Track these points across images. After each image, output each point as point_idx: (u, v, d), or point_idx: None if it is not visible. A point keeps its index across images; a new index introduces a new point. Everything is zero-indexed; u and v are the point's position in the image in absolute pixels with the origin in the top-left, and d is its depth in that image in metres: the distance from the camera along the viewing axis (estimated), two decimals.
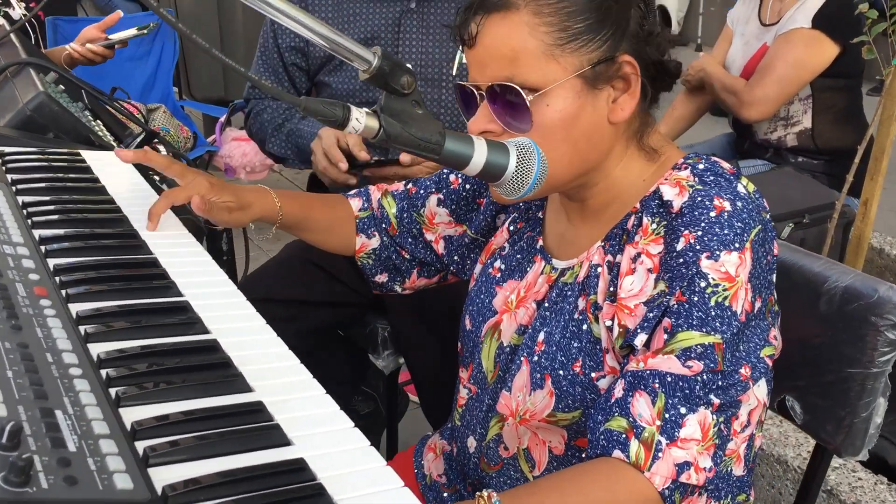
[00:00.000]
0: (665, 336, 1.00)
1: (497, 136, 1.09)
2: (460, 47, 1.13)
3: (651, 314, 1.03)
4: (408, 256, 1.46)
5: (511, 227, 1.32)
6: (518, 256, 1.27)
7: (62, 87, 1.72)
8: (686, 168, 1.09)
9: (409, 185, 1.47)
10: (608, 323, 1.09)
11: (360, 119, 0.97)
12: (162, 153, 1.51)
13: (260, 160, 4.20)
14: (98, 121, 1.76)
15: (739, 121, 2.83)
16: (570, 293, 1.16)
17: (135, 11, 4.77)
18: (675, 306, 1.01)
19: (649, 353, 1.01)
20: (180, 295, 1.07)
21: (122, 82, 4.12)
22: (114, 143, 1.67)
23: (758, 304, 1.05)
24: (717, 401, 0.99)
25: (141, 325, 0.97)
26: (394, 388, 2.28)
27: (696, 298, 1.00)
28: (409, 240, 1.45)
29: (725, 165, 1.09)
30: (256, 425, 0.81)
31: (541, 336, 1.16)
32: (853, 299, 1.19)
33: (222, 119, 4.34)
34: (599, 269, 1.13)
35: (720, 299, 1.00)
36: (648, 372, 0.99)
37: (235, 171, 4.27)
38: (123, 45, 2.68)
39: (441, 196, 1.42)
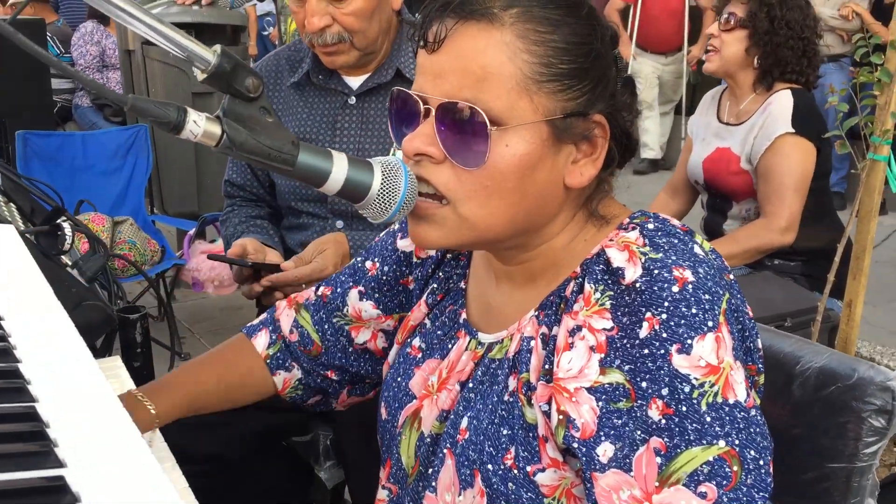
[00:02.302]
0: (659, 460, 0.84)
1: (435, 163, 0.94)
2: (394, 144, 0.98)
3: (618, 420, 0.86)
4: (335, 377, 1.29)
5: (430, 300, 1.16)
6: (439, 333, 1.11)
7: None
8: (634, 228, 0.95)
9: (321, 289, 1.29)
10: (544, 406, 0.92)
11: (199, 122, 0.83)
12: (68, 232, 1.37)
13: (228, 273, 4.06)
14: (11, 203, 1.64)
15: (711, 224, 2.75)
16: (498, 371, 1.00)
17: (115, 134, 4.75)
18: (663, 422, 0.84)
19: (646, 486, 0.84)
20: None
21: (93, 195, 4.07)
22: (22, 225, 1.54)
23: (759, 377, 0.92)
24: None
25: None
26: None
27: (684, 408, 0.84)
28: (339, 354, 1.27)
29: (676, 223, 0.96)
30: None
31: (464, 422, 0.99)
32: (830, 381, 1.05)
33: (191, 232, 4.24)
34: (532, 343, 0.97)
35: (711, 399, 0.84)
36: None
37: (203, 285, 4.13)
38: None
39: (361, 289, 1.25)
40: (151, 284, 3.04)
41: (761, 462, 0.84)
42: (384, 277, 1.24)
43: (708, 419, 0.84)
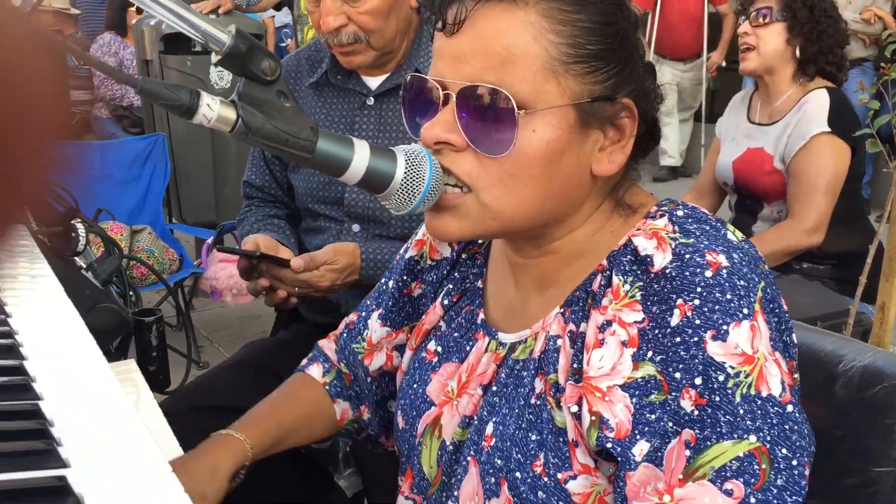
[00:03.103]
0: (688, 453, 0.79)
1: (456, 152, 0.89)
2: (412, 145, 0.93)
3: (651, 415, 0.81)
4: (367, 416, 1.27)
5: (445, 302, 1.11)
6: (456, 335, 1.06)
7: None
8: (662, 216, 0.90)
9: (350, 315, 1.27)
10: (573, 408, 0.87)
11: (213, 106, 0.78)
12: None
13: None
14: None
15: (739, 226, 2.69)
16: (523, 373, 0.95)
17: (133, 143, 4.74)
18: (695, 413, 0.80)
19: (670, 479, 0.79)
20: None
21: (111, 205, 4.05)
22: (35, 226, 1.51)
23: (796, 376, 0.86)
24: None
25: None
26: None
27: (717, 399, 0.79)
28: (363, 387, 1.25)
29: (706, 211, 0.91)
30: None
31: (489, 428, 0.94)
32: (875, 381, 0.99)
33: (209, 241, 4.23)
34: (559, 342, 0.92)
35: (745, 390, 0.79)
36: None
37: (221, 293, 4.10)
38: None
39: (381, 311, 1.22)
40: (171, 292, 3.02)
41: (794, 462, 0.80)
42: (390, 291, 1.21)
43: (741, 411, 0.79)
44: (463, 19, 0.87)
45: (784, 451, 0.79)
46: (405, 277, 1.19)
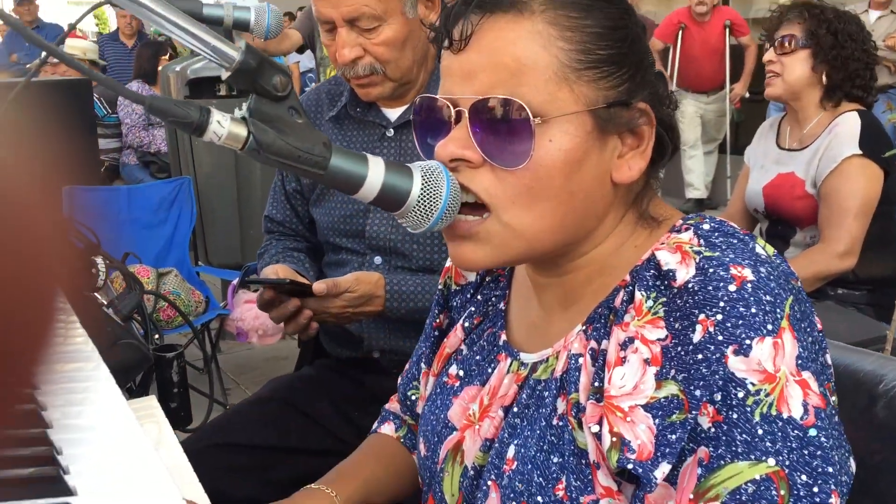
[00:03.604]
0: (699, 470, 0.76)
1: (473, 168, 0.87)
2: None
3: (672, 435, 0.78)
4: None
5: (466, 324, 1.09)
6: (478, 358, 1.04)
7: None
8: (687, 229, 0.87)
9: (406, 367, 1.26)
10: (594, 428, 0.83)
11: (224, 123, 0.76)
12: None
13: (272, 322, 4.03)
14: None
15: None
16: (545, 393, 0.91)
17: (159, 187, 4.79)
18: (711, 429, 0.76)
19: (681, 498, 0.76)
20: None
21: (138, 248, 4.08)
22: None
23: (833, 398, 0.81)
24: None
25: None
26: None
27: (735, 416, 0.76)
28: None
29: (735, 225, 0.88)
30: None
31: (510, 451, 0.91)
32: None
33: (234, 282, 4.23)
34: (581, 360, 0.89)
35: (765, 409, 0.76)
36: None
37: (247, 334, 4.09)
38: None
39: (424, 351, 1.20)
40: (196, 335, 3.02)
41: (816, 489, 0.75)
42: (428, 330, 1.19)
43: (760, 431, 0.76)
44: (469, 34, 0.86)
45: (804, 477, 0.75)
46: (436, 311, 1.18)
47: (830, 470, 0.76)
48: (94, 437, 0.69)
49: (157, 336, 1.63)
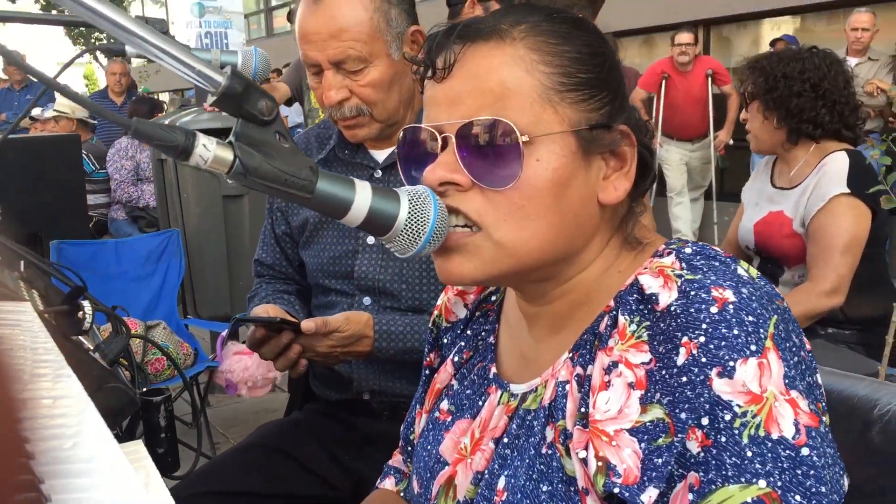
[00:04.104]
0: (691, 496, 0.75)
1: (462, 191, 0.88)
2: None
3: (658, 459, 0.77)
4: None
5: (456, 359, 1.08)
6: (468, 392, 1.03)
7: None
8: (669, 253, 0.88)
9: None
10: (582, 454, 0.83)
11: (209, 147, 0.77)
12: None
13: (262, 374, 3.98)
14: (33, 290, 1.59)
15: None
16: (534, 422, 0.91)
17: (148, 240, 4.79)
18: (700, 454, 0.76)
19: None
20: None
21: (126, 301, 4.06)
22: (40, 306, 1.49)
23: (825, 418, 0.80)
24: None
25: None
26: None
27: (723, 439, 0.75)
28: None
29: (718, 249, 0.88)
30: None
31: (501, 482, 0.90)
32: None
33: (223, 333, 4.20)
34: (568, 387, 0.88)
35: (752, 431, 0.75)
36: None
37: (236, 386, 4.05)
38: None
39: (419, 394, 1.20)
40: (187, 385, 2.98)
41: None
42: (423, 371, 1.19)
43: (749, 454, 0.75)
44: (453, 62, 0.88)
45: (797, 497, 0.74)
46: (426, 350, 1.18)
47: (823, 490, 0.75)
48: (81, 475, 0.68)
49: (143, 379, 1.61)
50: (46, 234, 4.28)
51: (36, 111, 7.04)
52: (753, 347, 0.77)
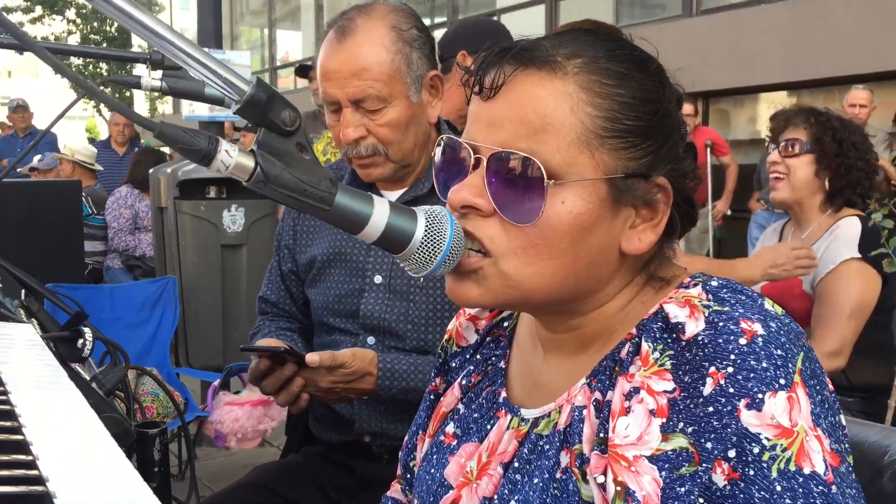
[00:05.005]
0: None
1: (483, 217, 0.87)
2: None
3: (681, 488, 0.76)
4: None
5: (464, 382, 1.07)
6: (476, 416, 1.02)
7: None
8: (696, 285, 0.87)
9: (405, 440, 1.23)
10: (600, 479, 0.81)
11: (231, 153, 0.77)
12: None
13: (252, 426, 3.92)
14: (33, 318, 1.58)
15: None
16: (546, 447, 0.89)
17: (144, 286, 4.76)
18: (727, 487, 0.75)
19: None
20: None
21: None
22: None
23: (849, 459, 0.79)
24: None
25: None
26: None
27: (752, 472, 0.74)
28: None
29: (743, 285, 0.88)
30: None
31: None
32: None
33: (215, 383, 4.15)
34: (584, 412, 0.87)
35: (783, 465, 0.74)
36: None
37: (226, 437, 3.99)
38: None
39: (420, 419, 1.17)
40: (185, 426, 2.92)
41: None
42: (426, 396, 1.18)
43: (778, 488, 0.73)
44: (500, 84, 0.87)
45: None
46: (433, 373, 1.17)
47: None
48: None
49: (137, 412, 1.58)
50: (42, 278, 4.24)
51: (36, 158, 7.08)
52: (783, 381, 0.77)
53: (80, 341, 1.35)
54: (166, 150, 7.88)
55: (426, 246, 0.87)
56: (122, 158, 7.97)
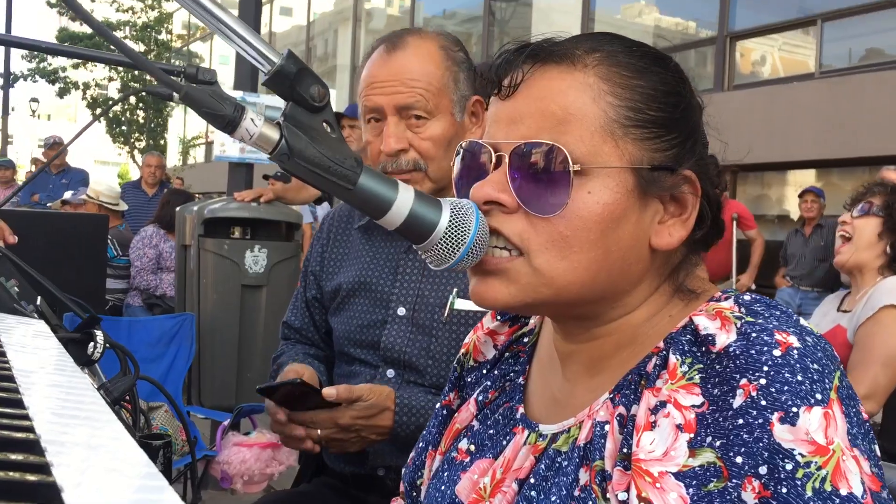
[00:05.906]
0: None
1: (507, 213, 0.85)
2: (453, 291, 0.89)
3: None
4: None
5: (480, 398, 1.03)
6: (491, 432, 0.97)
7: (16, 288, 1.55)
8: (727, 298, 0.83)
9: (410, 457, 1.18)
10: (622, 496, 0.76)
11: (257, 122, 0.74)
12: None
13: (259, 469, 3.85)
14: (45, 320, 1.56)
15: None
16: (565, 463, 0.85)
17: (161, 321, 4.75)
18: None
19: None
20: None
21: None
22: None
23: (886, 487, 0.73)
24: None
25: None
26: None
27: (784, 490, 0.69)
28: None
29: (777, 300, 0.84)
30: None
31: None
32: None
33: (225, 423, 4.10)
34: (607, 427, 0.83)
35: (818, 483, 0.69)
36: None
37: (232, 479, 3.92)
38: None
39: (430, 435, 1.13)
40: (194, 462, 2.87)
41: None
42: (437, 411, 1.14)
43: None
44: (519, 82, 0.86)
45: None
46: (446, 390, 1.13)
47: None
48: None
49: (143, 423, 1.54)
50: (61, 309, 4.25)
51: (69, 193, 7.16)
52: (819, 396, 0.72)
53: (91, 344, 1.31)
54: (195, 192, 7.95)
55: (449, 237, 0.84)
56: (151, 199, 8.04)
